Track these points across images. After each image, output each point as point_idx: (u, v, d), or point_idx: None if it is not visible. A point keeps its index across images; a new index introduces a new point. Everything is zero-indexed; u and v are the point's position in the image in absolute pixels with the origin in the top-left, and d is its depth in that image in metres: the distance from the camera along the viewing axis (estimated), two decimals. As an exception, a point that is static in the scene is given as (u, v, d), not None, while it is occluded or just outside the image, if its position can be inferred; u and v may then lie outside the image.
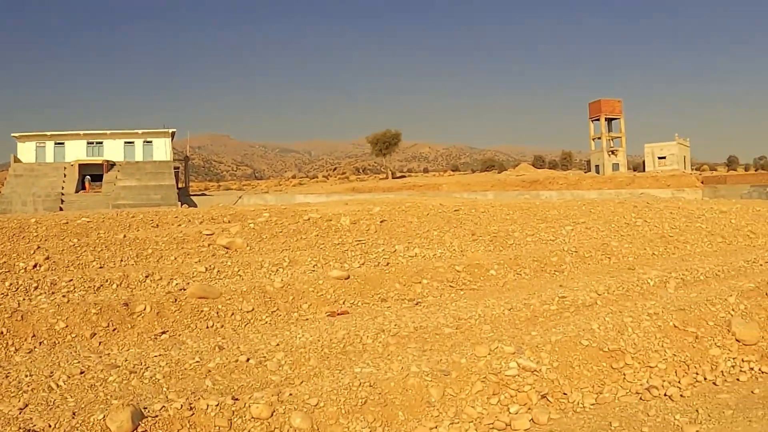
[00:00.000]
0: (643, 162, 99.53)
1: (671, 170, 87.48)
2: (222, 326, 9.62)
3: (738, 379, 7.26)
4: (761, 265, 12.80)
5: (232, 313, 9.94)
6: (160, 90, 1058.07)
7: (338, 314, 10.23)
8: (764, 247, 15.68)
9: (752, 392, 6.79)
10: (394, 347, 8.22)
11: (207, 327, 9.54)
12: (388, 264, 13.11)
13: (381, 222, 17.43)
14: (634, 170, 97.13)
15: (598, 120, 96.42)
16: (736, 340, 8.01)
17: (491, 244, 15.52)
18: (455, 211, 20.40)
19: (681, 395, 6.78)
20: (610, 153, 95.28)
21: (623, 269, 13.06)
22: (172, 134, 65.36)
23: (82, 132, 63.77)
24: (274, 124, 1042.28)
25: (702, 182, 76.03)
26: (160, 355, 8.06)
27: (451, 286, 11.89)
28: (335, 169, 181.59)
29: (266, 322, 9.85)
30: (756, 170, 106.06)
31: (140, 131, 64.24)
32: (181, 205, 47.31)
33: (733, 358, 7.71)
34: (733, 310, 8.74)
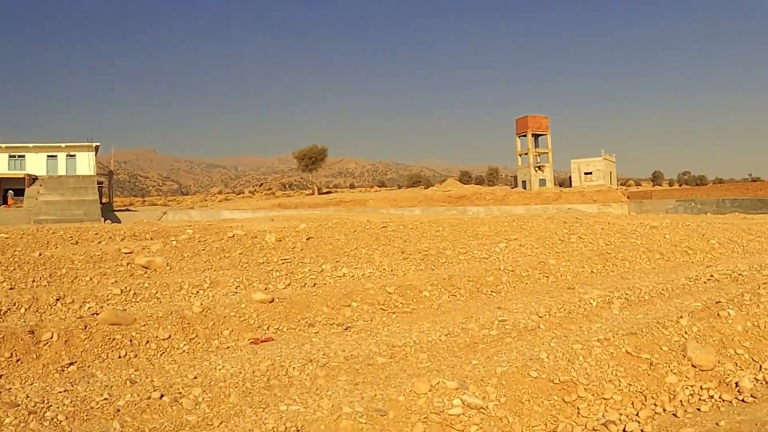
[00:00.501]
0: (570, 177, 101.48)
1: (597, 186, 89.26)
2: (135, 356, 8.56)
3: (699, 409, 6.71)
4: (705, 282, 12.51)
5: (147, 341, 8.88)
6: (84, 103, 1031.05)
7: (262, 341, 9.33)
8: (703, 263, 15.53)
9: (717, 424, 6.22)
10: (323, 380, 7.41)
11: (119, 357, 8.45)
12: (315, 285, 12.36)
13: (307, 239, 16.79)
14: (560, 186, 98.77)
15: (525, 136, 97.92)
16: (693, 366, 7.50)
17: (422, 262, 14.92)
18: (383, 227, 19.85)
19: (641, 431, 6.18)
20: (537, 168, 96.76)
21: (563, 289, 12.60)
22: (96, 148, 63.77)
23: (3, 145, 61.87)
24: (200, 139, 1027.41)
25: (628, 197, 77.81)
26: (65, 390, 7.02)
27: (382, 309, 11.13)
28: (262, 184, 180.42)
29: (184, 351, 8.81)
30: (680, 185, 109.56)
31: (63, 145, 62.58)
32: (105, 220, 45.88)
33: (691, 386, 7.18)
34: (686, 333, 8.26)
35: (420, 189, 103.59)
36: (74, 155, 62.37)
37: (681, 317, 8.76)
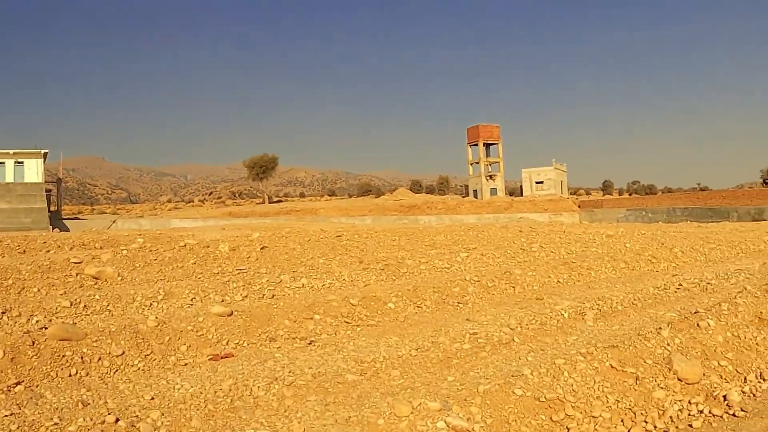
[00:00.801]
0: (521, 187, 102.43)
1: (548, 195, 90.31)
2: (87, 374, 7.88)
3: (691, 425, 6.41)
4: (675, 291, 12.35)
5: (100, 358, 8.21)
6: (32, 110, 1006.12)
7: (222, 357, 8.75)
8: (668, 272, 15.46)
9: (712, 443, 5.95)
10: (291, 400, 6.90)
11: (69, 376, 7.75)
12: (273, 296, 11.87)
13: (262, 248, 16.42)
14: (511, 195, 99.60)
15: (476, 145, 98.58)
16: (679, 380, 7.21)
17: (383, 272, 14.53)
18: (338, 237, 19.49)
19: (635, 452, 5.85)
20: (488, 178, 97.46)
21: (531, 299, 12.31)
22: (45, 155, 62.22)
23: (-50, 152, 59.81)
24: (149, 147, 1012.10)
25: (579, 206, 78.85)
26: (11, 414, 6.32)
27: (346, 321, 10.64)
28: (211, 193, 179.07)
29: (139, 369, 8.14)
30: (630, 194, 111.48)
31: (11, 151, 60.70)
32: (53, 229, 45.63)
33: (680, 401, 6.88)
34: (668, 345, 7.98)
35: (371, 198, 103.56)
36: (22, 162, 60.60)
37: (661, 328, 8.49)
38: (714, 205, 57.59)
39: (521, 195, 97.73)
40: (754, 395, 7.20)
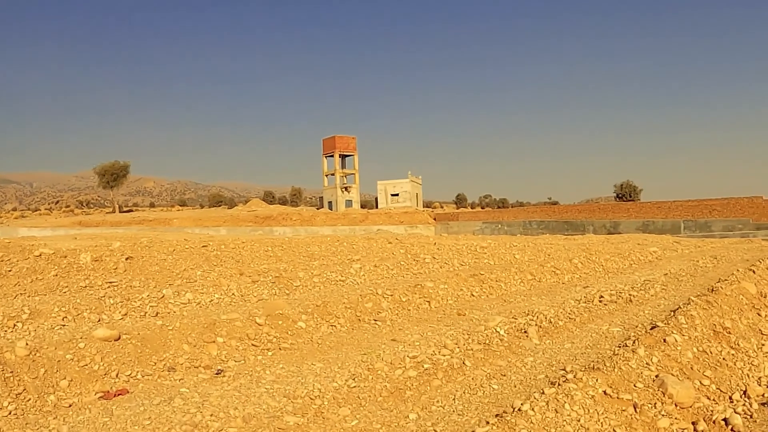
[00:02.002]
0: (376, 199, 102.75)
1: (404, 207, 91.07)
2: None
3: (706, 457, 5.61)
4: (599, 304, 11.77)
5: (-45, 401, 6.38)
6: None
7: (115, 395, 7.07)
8: (575, 283, 15.08)
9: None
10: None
11: None
12: (157, 314, 10.29)
13: (127, 259, 14.84)
14: (362, 207, 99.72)
15: (332, 156, 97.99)
16: (675, 404, 6.41)
17: (275, 286, 13.15)
18: (203, 247, 17.87)
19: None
20: (344, 189, 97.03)
21: (452, 315, 11.36)
22: None
23: None
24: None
25: (434, 219, 79.85)
26: None
27: (254, 344, 9.14)
28: (58, 201, 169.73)
29: (10, 414, 6.25)
30: (482, 207, 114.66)
31: None
32: None
33: (684, 429, 6.07)
34: (648, 364, 7.19)
35: (223, 209, 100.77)
36: None
37: (632, 346, 7.71)
38: (569, 219, 59.73)
39: (376, 207, 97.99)
40: (751, 416, 6.58)
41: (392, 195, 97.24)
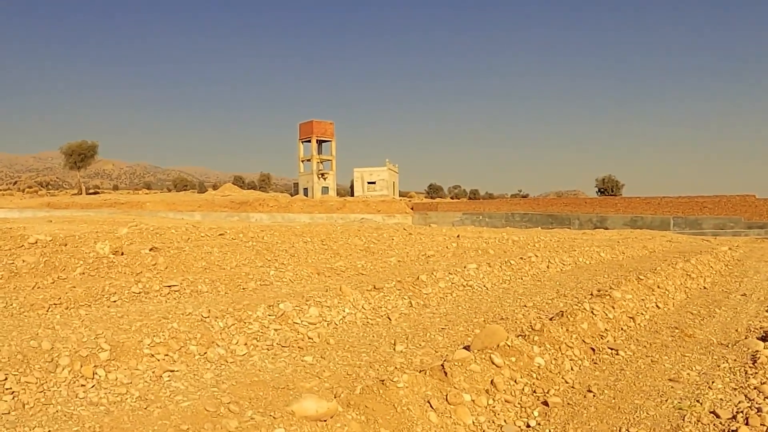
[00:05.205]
0: (351, 186, 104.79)
1: (381, 196, 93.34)
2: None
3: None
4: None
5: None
6: None
7: None
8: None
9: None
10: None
11: None
12: (311, 344, 7.31)
13: (151, 250, 12.88)
14: (338, 195, 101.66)
15: (308, 141, 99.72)
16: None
17: (403, 294, 10.26)
18: (220, 235, 16.98)
19: None
20: (320, 176, 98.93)
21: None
22: None
23: None
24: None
25: (412, 208, 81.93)
26: None
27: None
28: (16, 183, 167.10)
29: None
30: (451, 198, 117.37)
31: None
32: None
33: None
34: None
35: (193, 193, 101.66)
36: None
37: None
38: (554, 212, 62.68)
39: (352, 195, 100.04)
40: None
41: (369, 183, 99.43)
